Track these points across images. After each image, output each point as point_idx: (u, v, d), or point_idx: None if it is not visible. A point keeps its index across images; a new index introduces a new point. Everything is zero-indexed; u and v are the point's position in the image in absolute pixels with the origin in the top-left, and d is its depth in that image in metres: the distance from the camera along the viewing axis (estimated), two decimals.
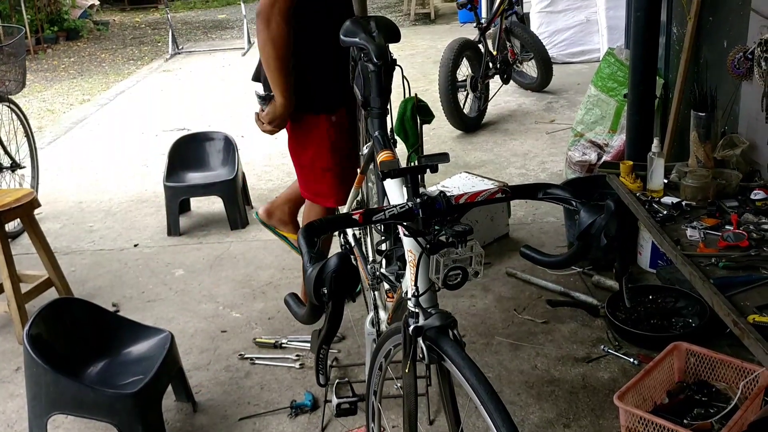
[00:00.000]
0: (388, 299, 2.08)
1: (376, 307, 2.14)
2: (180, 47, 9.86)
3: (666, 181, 2.84)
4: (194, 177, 4.16)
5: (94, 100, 7.67)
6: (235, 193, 4.02)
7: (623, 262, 1.26)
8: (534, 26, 7.05)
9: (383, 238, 2.03)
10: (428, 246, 1.34)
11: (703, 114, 2.88)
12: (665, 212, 2.63)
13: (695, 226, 2.56)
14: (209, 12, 14.43)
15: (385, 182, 1.64)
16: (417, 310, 1.45)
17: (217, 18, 13.31)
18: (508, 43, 5.94)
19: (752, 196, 2.70)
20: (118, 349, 2.46)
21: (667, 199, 2.72)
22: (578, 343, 2.82)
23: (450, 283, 1.36)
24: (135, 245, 3.97)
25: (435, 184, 3.74)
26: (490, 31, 5.77)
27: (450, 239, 1.34)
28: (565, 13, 7.21)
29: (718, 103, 2.94)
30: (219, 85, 7.85)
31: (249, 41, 9.82)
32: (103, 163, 5.44)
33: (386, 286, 2.06)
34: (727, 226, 2.53)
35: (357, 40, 1.88)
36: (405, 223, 1.38)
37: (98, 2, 13.38)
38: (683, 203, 2.70)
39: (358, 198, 2.42)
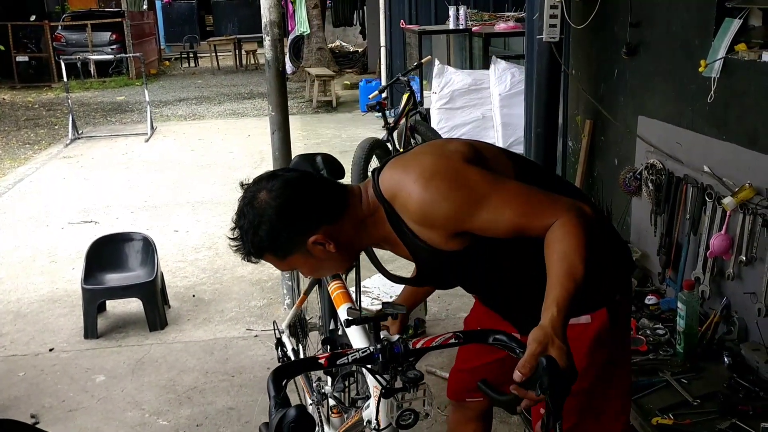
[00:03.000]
0: (333, 415, 2.20)
1: (321, 423, 2.25)
2: (80, 132, 9.72)
3: None
4: (113, 279, 4.15)
5: None
6: (155, 294, 4.04)
7: (557, 411, 1.43)
8: (434, 122, 7.49)
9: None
10: (383, 391, 1.49)
11: None
12: None
13: None
14: (106, 93, 14.30)
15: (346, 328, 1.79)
16: None
17: (116, 100, 13.21)
18: (412, 139, 6.29)
19: (646, 301, 3.03)
20: None
21: None
22: None
23: (402, 423, 1.52)
24: (50, 349, 3.88)
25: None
26: (397, 129, 6.12)
27: (404, 384, 1.49)
28: (463, 109, 7.70)
29: (612, 216, 3.30)
30: (123, 173, 7.80)
31: (152, 127, 9.82)
32: (7, 259, 5.29)
33: (332, 401, 2.19)
34: None
35: None
36: (367, 366, 1.53)
37: None
38: None
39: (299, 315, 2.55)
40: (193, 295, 4.54)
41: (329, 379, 2.20)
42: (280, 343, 2.57)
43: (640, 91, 3.30)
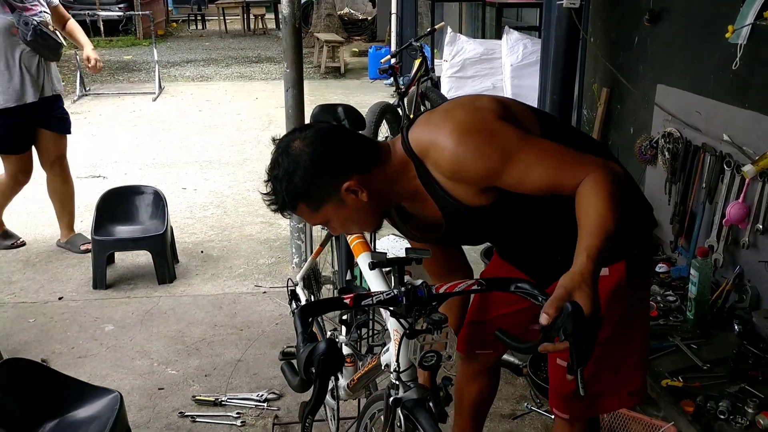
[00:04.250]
0: (347, 364, 2.22)
1: None
2: (87, 89, 9.68)
3: None
4: (123, 231, 4.15)
5: None
6: (164, 247, 4.05)
7: (580, 357, 1.43)
8: (444, 90, 7.44)
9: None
10: (408, 331, 1.51)
11: None
12: None
13: None
14: (113, 52, 14.19)
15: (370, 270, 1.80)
16: (398, 383, 1.61)
17: (123, 59, 13.13)
18: (422, 106, 6.27)
19: (657, 269, 3.03)
20: (66, 410, 2.46)
21: None
22: (503, 401, 3.03)
23: (425, 364, 1.53)
24: (60, 298, 3.91)
25: None
26: (408, 95, 6.09)
27: (428, 326, 1.51)
28: (474, 79, 7.65)
29: None
30: (131, 131, 7.79)
31: (160, 86, 9.77)
32: (15, 209, 5.27)
33: (346, 350, 2.21)
34: None
35: None
36: (390, 308, 1.54)
37: None
38: None
39: (314, 267, 2.56)
40: (202, 251, 4.55)
41: (343, 328, 2.21)
42: (293, 296, 2.58)
43: (660, 59, 3.28)
